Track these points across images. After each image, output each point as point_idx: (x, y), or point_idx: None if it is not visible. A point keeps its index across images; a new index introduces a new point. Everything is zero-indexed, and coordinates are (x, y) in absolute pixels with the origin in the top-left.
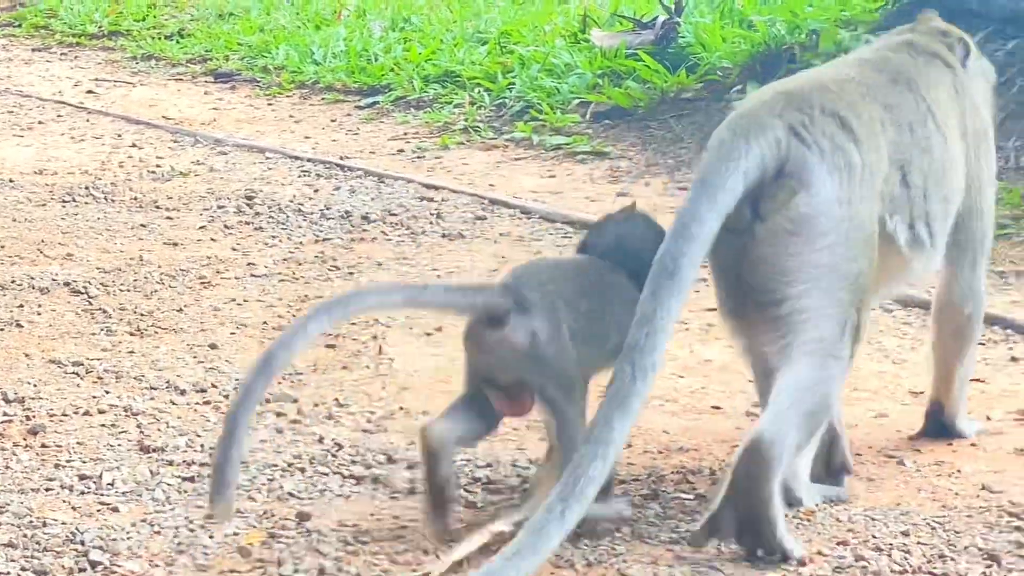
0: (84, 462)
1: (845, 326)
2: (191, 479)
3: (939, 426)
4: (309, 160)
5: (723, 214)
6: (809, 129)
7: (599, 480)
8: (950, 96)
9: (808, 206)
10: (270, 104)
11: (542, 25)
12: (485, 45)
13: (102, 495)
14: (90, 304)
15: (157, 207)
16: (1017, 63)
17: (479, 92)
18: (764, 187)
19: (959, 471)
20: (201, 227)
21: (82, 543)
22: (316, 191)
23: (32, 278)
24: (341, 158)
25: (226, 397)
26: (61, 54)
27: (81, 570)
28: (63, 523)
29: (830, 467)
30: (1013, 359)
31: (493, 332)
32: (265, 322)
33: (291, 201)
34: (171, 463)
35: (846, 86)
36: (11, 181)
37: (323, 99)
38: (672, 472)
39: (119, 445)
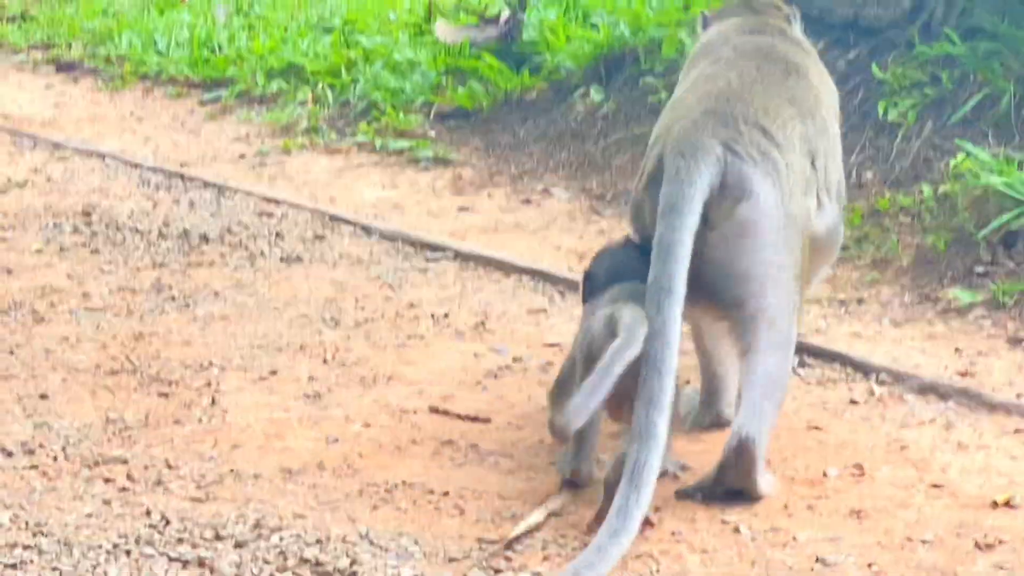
0: None
1: (794, 313)
2: (14, 567)
3: None
4: (149, 168)
5: (693, 232)
6: (740, 143)
7: (656, 466)
8: (821, 75)
9: (752, 211)
10: (112, 99)
11: (386, 14)
12: (331, 35)
13: None
14: None
15: None
16: (859, 72)
17: (323, 89)
18: (712, 200)
19: (794, 539)
20: (38, 250)
21: None
22: (155, 205)
23: None
24: (181, 165)
25: (55, 459)
26: None
27: None
28: None
29: None
30: (852, 402)
31: None
32: (98, 365)
33: (129, 217)
34: None
35: (756, 89)
36: None
37: (166, 93)
38: None
39: None
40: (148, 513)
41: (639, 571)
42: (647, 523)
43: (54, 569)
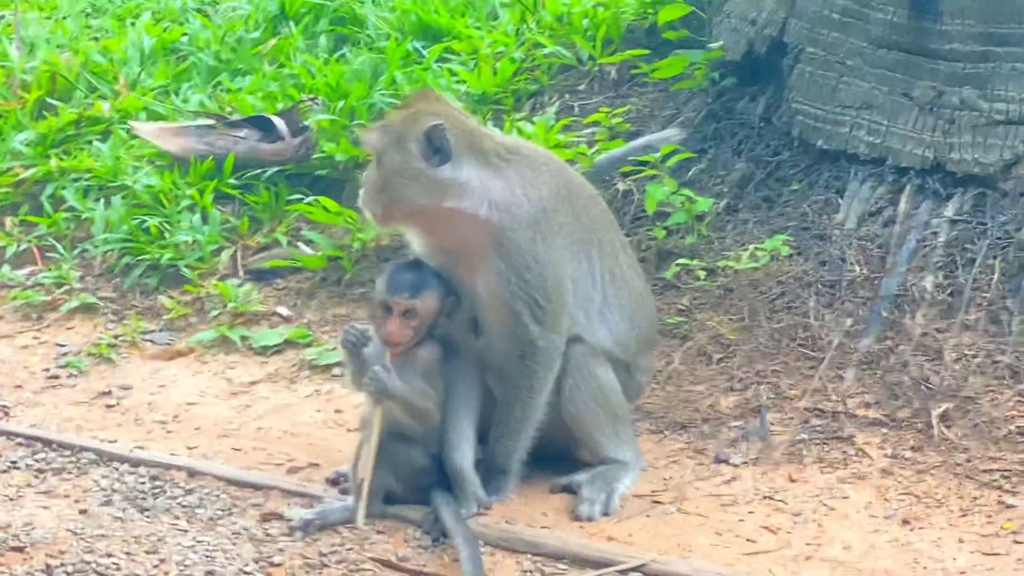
0: None
1: None
2: None
3: None
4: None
5: None
6: None
7: None
8: None
9: None
10: None
11: None
12: None
13: None
14: None
15: None
16: (972, 236)
17: (15, 227)
18: None
19: None
20: None
21: None
22: (84, 512)
23: None
24: (4, 413)
25: None
26: None
27: None
28: None
29: None
30: None
31: None
32: None
33: (90, 551)
34: None
35: None
36: None
37: None
38: None
39: None
40: None
41: None
42: None
43: None
